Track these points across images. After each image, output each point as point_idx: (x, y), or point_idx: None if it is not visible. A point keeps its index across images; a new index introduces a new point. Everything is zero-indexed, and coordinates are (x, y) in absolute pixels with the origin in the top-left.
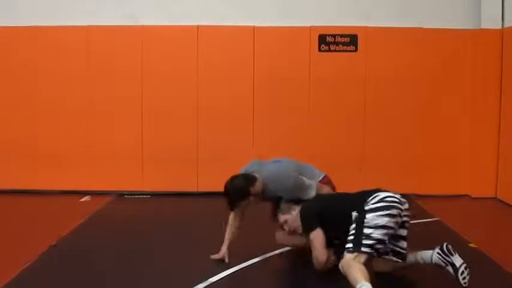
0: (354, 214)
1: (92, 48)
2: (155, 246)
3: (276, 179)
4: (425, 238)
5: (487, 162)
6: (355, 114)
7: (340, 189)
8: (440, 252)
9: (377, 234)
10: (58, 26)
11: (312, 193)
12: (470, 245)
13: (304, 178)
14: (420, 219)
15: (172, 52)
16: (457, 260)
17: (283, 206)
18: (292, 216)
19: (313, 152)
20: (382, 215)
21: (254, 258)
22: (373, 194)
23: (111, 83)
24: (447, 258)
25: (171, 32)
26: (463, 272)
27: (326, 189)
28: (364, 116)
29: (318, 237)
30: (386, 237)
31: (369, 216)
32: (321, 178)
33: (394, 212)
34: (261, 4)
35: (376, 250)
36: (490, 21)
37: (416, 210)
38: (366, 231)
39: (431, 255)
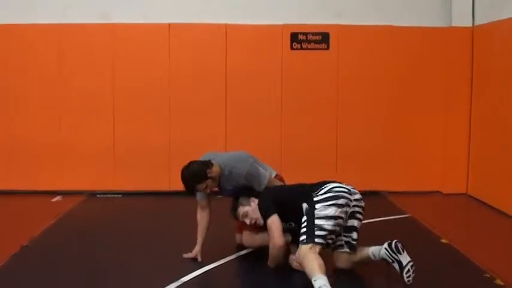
0: (304, 205)
1: (64, 46)
2: (127, 245)
3: (232, 163)
4: (397, 234)
5: (458, 158)
6: (327, 112)
7: None
8: (388, 248)
9: (328, 225)
10: (29, 24)
11: (265, 182)
12: (442, 240)
13: (259, 167)
14: (392, 215)
15: (144, 50)
16: (405, 259)
17: (242, 199)
18: (252, 207)
19: (287, 149)
20: (330, 205)
21: (226, 257)
22: (322, 185)
23: (83, 82)
24: (394, 256)
25: (143, 30)
26: (408, 271)
27: (278, 184)
28: (337, 114)
29: (275, 222)
30: (337, 228)
31: (318, 206)
32: (274, 175)
33: (341, 201)
34: (233, 2)
35: (330, 240)
36: (461, 19)
37: (388, 207)
38: (318, 222)
39: (379, 250)
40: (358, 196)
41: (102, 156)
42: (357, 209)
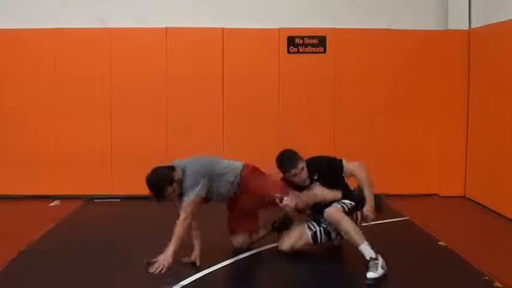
0: None
1: (60, 51)
2: (126, 250)
3: (194, 161)
4: (395, 237)
5: (456, 161)
6: (324, 115)
7: None
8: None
9: None
10: (25, 29)
11: (186, 199)
12: (440, 243)
13: (196, 186)
14: (390, 218)
15: (141, 54)
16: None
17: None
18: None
19: None
20: None
21: (224, 261)
22: None
23: (79, 87)
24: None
25: (140, 35)
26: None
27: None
28: (334, 117)
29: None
30: None
31: None
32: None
33: None
34: (230, 6)
35: None
36: (457, 22)
37: (386, 210)
38: None
39: None
40: None
41: (99, 161)
42: None
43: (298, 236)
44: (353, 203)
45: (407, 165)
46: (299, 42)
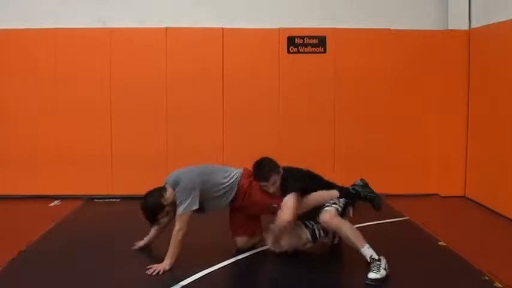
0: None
1: (60, 51)
2: (126, 250)
3: (188, 172)
4: (395, 237)
5: (456, 161)
6: (324, 115)
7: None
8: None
9: None
10: (25, 29)
11: (180, 209)
12: (440, 243)
13: (186, 199)
14: (390, 218)
15: (141, 54)
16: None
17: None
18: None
19: (284, 152)
20: None
21: (225, 261)
22: None
23: (79, 86)
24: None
25: (140, 35)
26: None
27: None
28: (334, 117)
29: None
30: None
31: None
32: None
33: None
34: (230, 6)
35: None
36: (457, 22)
37: (386, 210)
38: None
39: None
40: None
41: (100, 161)
42: None
43: (297, 236)
44: (346, 200)
45: (407, 165)
46: (299, 42)
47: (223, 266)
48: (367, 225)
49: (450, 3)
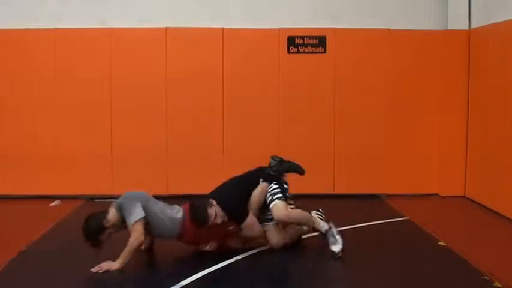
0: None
1: (60, 51)
2: None
3: (130, 193)
4: (395, 237)
5: (456, 161)
6: (324, 115)
7: (312, 189)
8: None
9: None
10: (25, 29)
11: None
12: (440, 243)
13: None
14: (390, 218)
15: (141, 54)
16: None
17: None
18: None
19: (284, 152)
20: None
21: (225, 261)
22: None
23: (79, 87)
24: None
25: (140, 34)
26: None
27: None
28: (334, 117)
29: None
30: None
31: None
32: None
33: None
34: (230, 6)
35: None
36: (457, 22)
37: (386, 210)
38: None
39: None
40: None
41: (99, 161)
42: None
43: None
44: (276, 183)
45: (407, 165)
46: (299, 42)
47: (223, 266)
48: (367, 225)
49: (450, 3)
